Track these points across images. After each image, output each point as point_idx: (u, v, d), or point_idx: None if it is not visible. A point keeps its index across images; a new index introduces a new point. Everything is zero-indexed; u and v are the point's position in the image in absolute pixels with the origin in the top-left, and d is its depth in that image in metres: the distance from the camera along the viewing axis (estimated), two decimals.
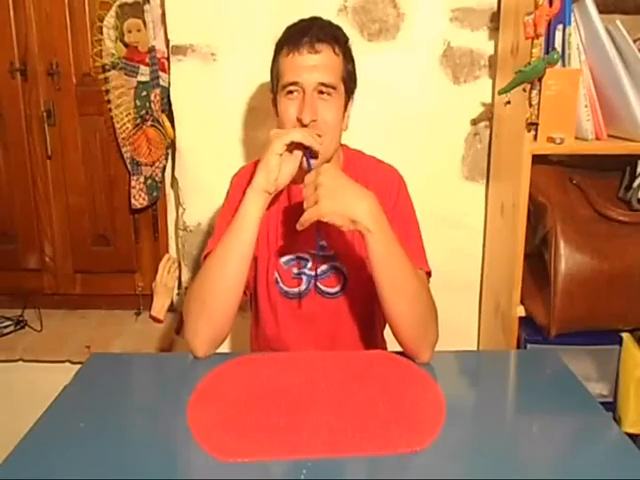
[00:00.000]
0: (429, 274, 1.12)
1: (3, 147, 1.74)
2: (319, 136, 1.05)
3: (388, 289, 0.97)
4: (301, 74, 1.04)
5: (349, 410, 0.85)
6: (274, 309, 1.17)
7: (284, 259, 1.15)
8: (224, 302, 1.01)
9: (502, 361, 1.12)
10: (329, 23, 1.11)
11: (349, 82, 1.11)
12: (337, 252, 1.14)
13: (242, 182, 1.15)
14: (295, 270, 1.15)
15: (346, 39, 1.11)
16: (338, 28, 1.11)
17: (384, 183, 1.16)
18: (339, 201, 0.92)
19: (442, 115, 1.60)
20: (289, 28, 1.11)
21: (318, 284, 1.15)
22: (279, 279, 1.15)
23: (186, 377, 0.99)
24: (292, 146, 1.01)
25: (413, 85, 1.59)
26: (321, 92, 1.05)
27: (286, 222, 1.14)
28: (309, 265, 1.14)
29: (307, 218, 0.92)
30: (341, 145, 1.16)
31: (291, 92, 1.05)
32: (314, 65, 1.04)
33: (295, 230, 1.12)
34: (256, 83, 1.58)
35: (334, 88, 1.06)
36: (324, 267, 1.14)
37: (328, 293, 1.15)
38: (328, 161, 1.11)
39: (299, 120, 1.04)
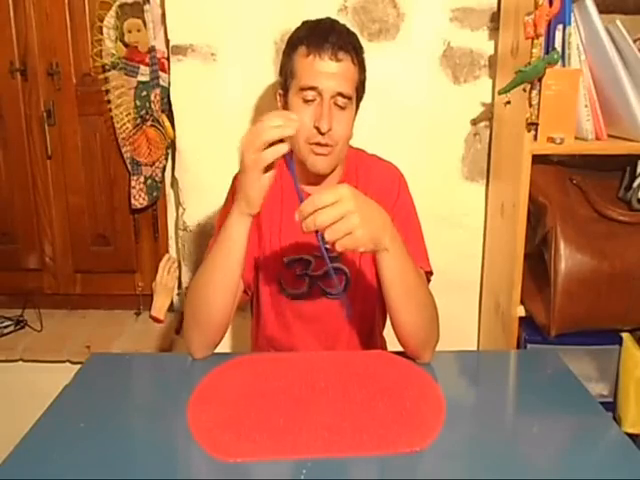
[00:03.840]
0: (431, 273, 1.12)
1: (3, 147, 1.74)
2: (330, 146, 1.05)
3: (399, 302, 0.96)
4: (321, 80, 1.03)
5: (349, 410, 0.85)
6: (277, 310, 1.17)
7: (287, 260, 1.15)
8: (215, 316, 1.00)
9: (502, 361, 1.12)
10: (347, 30, 1.10)
11: (361, 92, 1.12)
12: (339, 253, 1.14)
13: None
14: (298, 271, 1.15)
15: (361, 48, 1.11)
16: (356, 37, 1.11)
17: (385, 181, 1.16)
18: (373, 229, 0.86)
19: (442, 115, 1.60)
20: (307, 27, 1.10)
21: (321, 285, 1.15)
22: (282, 280, 1.15)
23: (186, 377, 0.99)
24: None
25: (413, 85, 1.59)
26: (336, 103, 1.05)
27: (289, 224, 1.14)
28: (312, 266, 1.14)
29: (343, 248, 0.84)
30: None
31: (308, 97, 1.05)
32: (334, 73, 1.04)
33: (298, 231, 1.12)
34: (256, 83, 1.58)
35: (350, 99, 1.06)
36: (327, 268, 1.15)
37: (331, 294, 1.15)
38: (333, 169, 1.11)
39: (316, 128, 1.03)
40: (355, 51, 1.07)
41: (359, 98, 1.12)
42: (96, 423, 0.83)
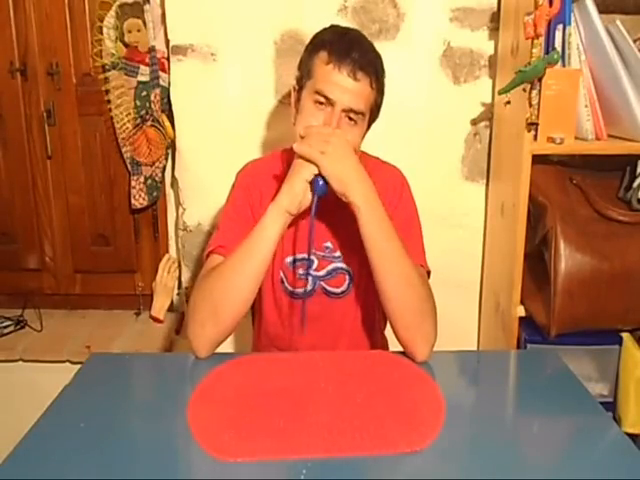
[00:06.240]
0: (428, 274, 1.13)
1: (3, 147, 1.74)
2: None
3: (379, 269, 1.00)
4: (336, 92, 1.03)
5: (349, 410, 0.85)
6: (279, 309, 1.17)
7: (290, 259, 1.15)
8: (235, 310, 1.01)
9: (502, 361, 1.12)
10: (373, 49, 1.08)
11: (375, 114, 1.10)
12: (342, 253, 1.14)
13: (247, 179, 1.16)
14: (300, 270, 1.15)
15: (383, 72, 1.09)
16: (380, 59, 1.09)
17: (388, 184, 1.16)
18: (340, 165, 0.99)
19: (442, 115, 1.60)
20: (333, 32, 1.09)
21: (323, 284, 1.15)
22: (284, 279, 1.15)
23: (186, 377, 0.99)
24: None
25: (413, 85, 1.59)
26: (347, 117, 1.04)
27: (292, 223, 1.14)
28: (314, 266, 1.14)
29: (306, 153, 0.99)
30: None
31: (320, 100, 1.04)
32: (351, 90, 1.03)
33: (301, 230, 1.13)
34: (256, 83, 1.58)
35: (362, 114, 1.06)
36: (329, 268, 1.15)
37: (333, 293, 1.15)
38: None
39: None
40: (376, 75, 1.06)
41: (372, 119, 1.11)
42: (96, 423, 0.83)
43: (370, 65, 1.05)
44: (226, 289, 1.01)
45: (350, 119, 1.05)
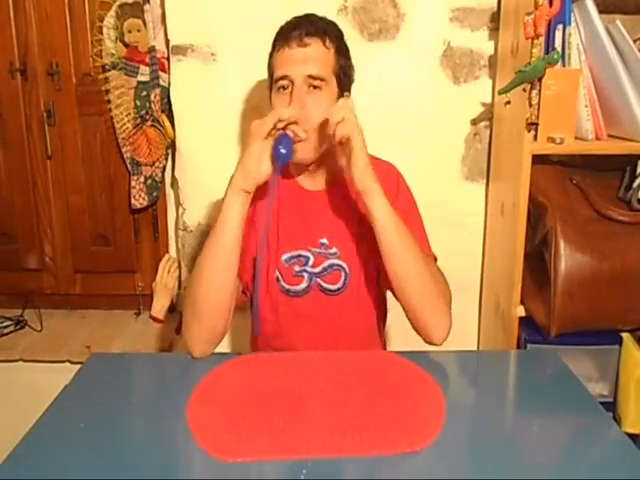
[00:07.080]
0: (435, 259, 1.14)
1: (3, 147, 1.74)
2: (306, 131, 1.04)
3: (393, 247, 1.00)
4: (289, 67, 1.04)
5: (349, 410, 0.85)
6: (275, 307, 1.17)
7: (285, 257, 1.15)
8: (213, 304, 1.01)
9: (502, 361, 1.12)
10: (321, 18, 1.10)
11: (342, 77, 1.09)
12: (338, 249, 1.14)
13: None
14: (296, 268, 1.15)
15: (338, 34, 1.10)
16: (330, 23, 1.10)
17: (383, 180, 1.15)
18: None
19: (442, 115, 1.60)
20: (282, 26, 1.11)
21: (319, 281, 1.15)
22: (280, 277, 1.15)
23: (186, 377, 0.99)
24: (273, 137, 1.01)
25: (413, 85, 1.59)
26: (311, 86, 1.04)
27: (286, 220, 1.14)
28: (310, 262, 1.14)
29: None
30: None
31: (283, 87, 1.05)
32: (302, 58, 1.03)
33: (296, 228, 1.13)
34: (256, 83, 1.58)
35: (323, 80, 1.05)
36: (325, 264, 1.14)
37: (330, 290, 1.15)
38: (319, 156, 1.10)
39: None
40: (326, 34, 1.06)
41: (343, 84, 1.09)
42: (96, 423, 0.83)
43: (317, 28, 1.05)
44: (201, 285, 1.01)
45: (315, 87, 1.04)
